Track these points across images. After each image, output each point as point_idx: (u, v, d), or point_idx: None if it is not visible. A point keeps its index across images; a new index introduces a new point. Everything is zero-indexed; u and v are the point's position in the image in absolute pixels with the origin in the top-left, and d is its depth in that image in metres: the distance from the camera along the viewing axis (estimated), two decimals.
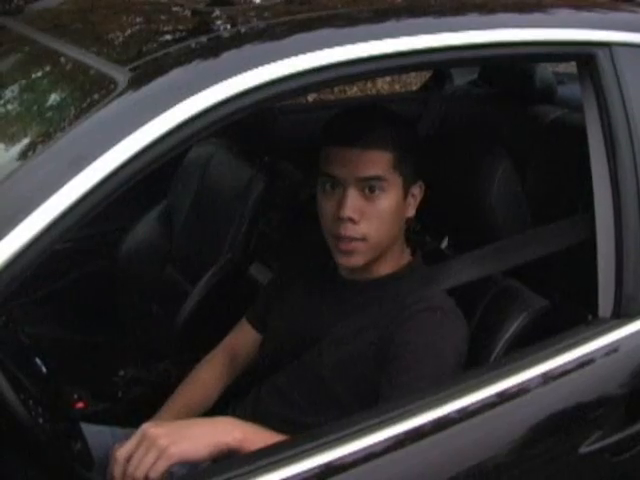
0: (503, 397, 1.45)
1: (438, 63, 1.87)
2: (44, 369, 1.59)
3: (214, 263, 2.57)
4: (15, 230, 1.14)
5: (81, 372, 2.19)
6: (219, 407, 1.89)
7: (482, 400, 1.43)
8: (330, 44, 1.36)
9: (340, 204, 1.63)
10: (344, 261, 1.69)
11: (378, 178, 1.63)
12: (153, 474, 1.35)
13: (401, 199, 1.68)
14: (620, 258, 1.60)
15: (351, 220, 1.63)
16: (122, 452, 1.39)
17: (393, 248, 1.73)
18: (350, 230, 1.64)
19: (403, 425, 1.35)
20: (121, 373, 2.17)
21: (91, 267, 2.85)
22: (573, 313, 1.66)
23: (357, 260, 1.68)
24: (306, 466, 1.27)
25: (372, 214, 1.64)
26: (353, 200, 1.63)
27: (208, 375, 1.91)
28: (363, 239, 1.65)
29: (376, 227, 1.65)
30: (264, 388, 1.77)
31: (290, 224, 2.59)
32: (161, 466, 1.35)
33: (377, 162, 1.63)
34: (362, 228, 1.64)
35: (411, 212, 1.72)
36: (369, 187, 1.63)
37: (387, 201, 1.65)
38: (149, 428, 1.39)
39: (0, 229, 1.14)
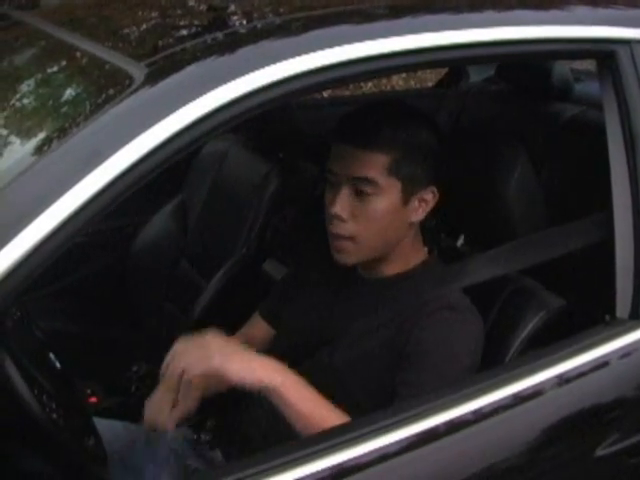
0: (518, 399, 1.44)
1: (454, 60, 1.85)
2: (58, 365, 1.59)
3: (228, 259, 2.56)
4: (30, 226, 1.13)
5: (94, 367, 2.19)
6: (232, 403, 1.89)
7: (497, 402, 1.41)
8: (346, 41, 1.35)
9: (332, 200, 1.64)
10: (336, 257, 1.69)
11: (368, 181, 1.61)
12: (190, 371, 1.45)
13: (398, 204, 1.64)
14: (639, 257, 1.58)
15: (339, 218, 1.63)
16: (181, 343, 1.51)
17: (400, 249, 1.71)
18: (338, 227, 1.64)
19: (417, 426, 1.34)
20: (134, 368, 2.18)
21: (105, 262, 2.86)
22: (590, 313, 1.64)
23: (347, 258, 1.68)
24: (319, 467, 1.26)
25: (362, 215, 1.63)
26: (344, 198, 1.62)
27: None
28: (351, 238, 1.64)
29: (365, 228, 1.63)
30: None
31: (305, 220, 2.58)
32: (198, 367, 1.45)
33: (369, 164, 1.61)
34: (350, 227, 1.63)
35: (418, 217, 1.69)
36: (360, 188, 1.62)
37: (378, 204, 1.62)
38: (213, 334, 1.50)
39: (15, 225, 1.13)
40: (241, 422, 1.82)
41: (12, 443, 1.44)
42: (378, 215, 1.63)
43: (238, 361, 1.47)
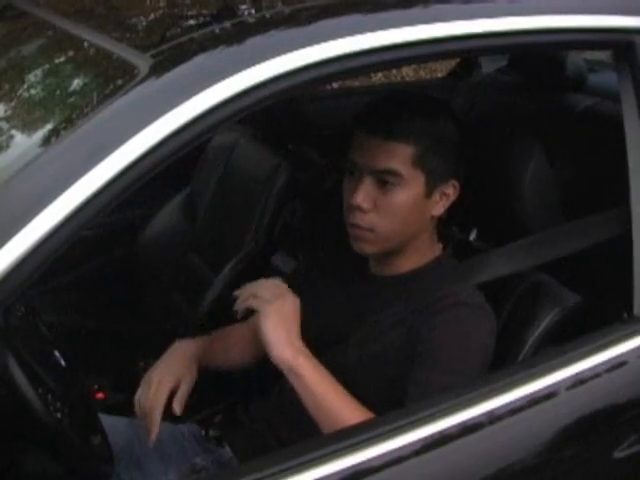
0: (533, 399, 1.41)
1: (467, 51, 1.81)
2: (63, 362, 1.57)
3: (237, 252, 2.55)
4: (36, 220, 1.11)
5: (101, 362, 2.18)
6: (241, 399, 1.88)
7: (511, 402, 1.39)
8: (356, 31, 1.32)
9: (354, 191, 1.61)
10: (355, 245, 1.67)
11: (392, 172, 1.59)
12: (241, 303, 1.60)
13: (421, 196, 1.63)
14: None
15: (361, 209, 1.60)
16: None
17: (417, 243, 1.69)
18: (358, 218, 1.62)
19: (431, 427, 1.32)
20: (141, 364, 2.15)
21: (113, 255, 2.85)
22: (607, 311, 1.61)
23: (367, 248, 1.65)
24: (330, 469, 1.24)
25: (384, 206, 1.60)
26: (366, 189, 1.60)
27: (234, 335, 1.90)
28: (371, 229, 1.62)
29: (386, 220, 1.61)
30: (289, 383, 1.74)
31: (315, 214, 2.55)
32: (251, 302, 1.57)
33: (394, 155, 1.59)
34: (371, 218, 1.61)
35: (438, 211, 1.67)
36: (383, 180, 1.60)
37: (402, 197, 1.60)
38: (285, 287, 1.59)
39: (20, 219, 1.12)
40: (250, 418, 1.81)
41: (16, 442, 1.42)
42: (400, 207, 1.61)
43: (277, 328, 1.52)
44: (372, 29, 1.33)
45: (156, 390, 1.68)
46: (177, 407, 1.68)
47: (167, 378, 1.71)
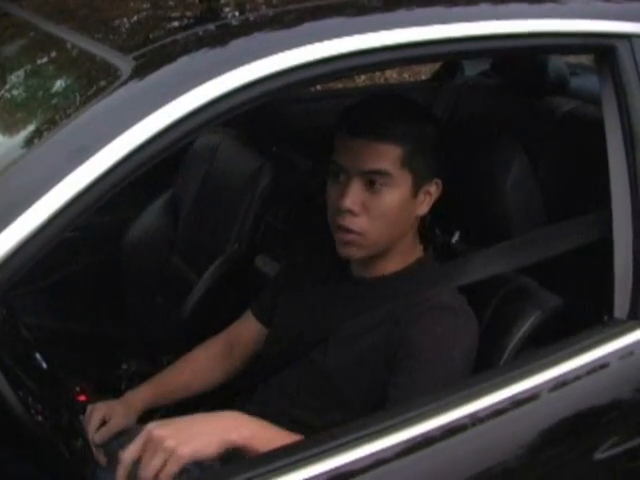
0: (515, 402, 1.41)
1: (449, 54, 1.82)
2: (44, 365, 1.56)
3: (220, 254, 2.54)
4: (17, 221, 1.11)
5: (84, 364, 2.17)
6: (225, 404, 1.87)
7: (493, 405, 1.39)
8: (340, 34, 1.32)
9: (342, 194, 1.60)
10: (342, 251, 1.65)
11: (382, 173, 1.59)
12: (164, 477, 1.29)
13: (409, 197, 1.63)
14: (638, 257, 1.56)
15: (350, 212, 1.60)
16: (127, 455, 1.32)
17: (401, 245, 1.69)
18: (349, 222, 1.61)
19: (413, 430, 1.31)
20: (124, 366, 2.15)
21: (95, 257, 2.83)
22: (589, 313, 1.62)
23: (355, 252, 1.65)
24: (311, 472, 1.23)
25: (374, 208, 1.60)
26: (355, 192, 1.59)
27: (202, 358, 1.90)
28: (361, 233, 1.61)
29: (377, 222, 1.61)
30: (271, 386, 1.74)
31: (298, 215, 2.55)
32: (172, 468, 1.29)
33: (383, 156, 1.59)
34: (362, 221, 1.60)
35: (423, 210, 1.68)
36: (372, 181, 1.59)
37: (391, 197, 1.61)
38: (153, 429, 1.32)
39: (1, 220, 1.11)
40: None
41: None
42: (390, 208, 1.61)
43: (202, 436, 1.33)
44: (355, 32, 1.33)
45: (89, 416, 1.70)
46: (97, 438, 1.67)
47: (99, 406, 1.73)
